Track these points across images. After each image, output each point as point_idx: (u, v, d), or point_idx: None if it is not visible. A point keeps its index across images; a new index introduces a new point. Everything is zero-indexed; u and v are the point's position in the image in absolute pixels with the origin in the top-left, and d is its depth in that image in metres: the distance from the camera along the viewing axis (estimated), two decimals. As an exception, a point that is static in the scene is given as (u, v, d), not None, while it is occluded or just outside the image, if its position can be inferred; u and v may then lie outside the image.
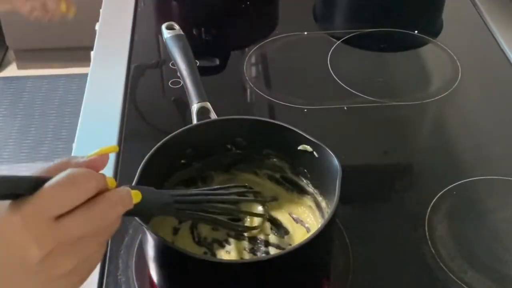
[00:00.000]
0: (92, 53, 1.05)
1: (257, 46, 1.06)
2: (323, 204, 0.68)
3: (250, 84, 0.97)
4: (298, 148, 0.68)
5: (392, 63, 1.08)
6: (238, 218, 0.68)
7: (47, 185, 0.42)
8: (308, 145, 0.68)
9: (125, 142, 0.85)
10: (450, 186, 0.78)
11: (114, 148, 0.49)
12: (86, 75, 0.99)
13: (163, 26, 0.88)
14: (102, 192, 0.46)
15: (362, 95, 0.94)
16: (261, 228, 0.68)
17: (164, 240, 0.58)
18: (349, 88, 0.95)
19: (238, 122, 0.72)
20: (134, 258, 0.69)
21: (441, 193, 0.77)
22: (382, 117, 0.92)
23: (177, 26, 0.88)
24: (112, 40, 1.08)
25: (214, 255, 0.66)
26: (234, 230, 0.67)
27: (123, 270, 0.69)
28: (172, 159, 0.69)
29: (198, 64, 0.84)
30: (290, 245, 0.67)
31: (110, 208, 0.46)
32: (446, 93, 0.95)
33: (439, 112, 0.95)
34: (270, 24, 1.14)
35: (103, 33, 1.09)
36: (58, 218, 0.43)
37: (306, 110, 0.91)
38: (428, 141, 0.91)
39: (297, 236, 0.68)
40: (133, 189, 0.50)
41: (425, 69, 1.06)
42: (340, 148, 0.67)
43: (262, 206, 0.70)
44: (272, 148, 0.71)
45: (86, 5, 1.26)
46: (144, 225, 0.58)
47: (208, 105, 0.77)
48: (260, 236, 0.68)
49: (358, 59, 1.07)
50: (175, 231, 0.68)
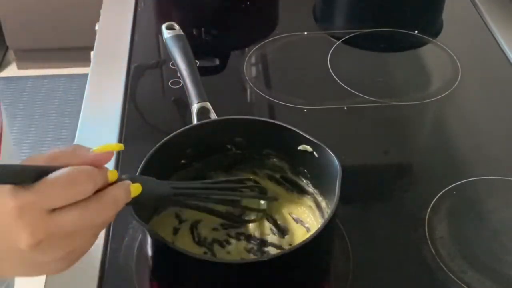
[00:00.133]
0: (92, 53, 1.05)
1: (257, 46, 1.06)
2: (323, 204, 0.68)
3: (250, 84, 0.97)
4: (298, 148, 0.68)
5: (392, 63, 1.08)
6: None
7: (48, 178, 0.44)
8: (308, 145, 0.68)
9: (125, 142, 0.85)
10: (450, 186, 0.78)
11: (120, 146, 0.50)
12: (86, 75, 0.99)
13: (163, 26, 0.88)
14: (102, 187, 0.47)
15: (362, 95, 0.94)
16: (258, 221, 0.68)
17: (164, 240, 0.58)
18: (349, 88, 0.95)
19: (238, 122, 0.72)
20: (134, 258, 0.69)
21: (441, 193, 0.77)
22: (382, 117, 0.92)
23: (177, 26, 0.88)
24: (112, 40, 1.08)
25: (214, 255, 0.66)
26: (231, 220, 0.68)
27: (123, 270, 0.69)
28: (172, 159, 0.69)
29: (198, 64, 0.84)
30: (290, 245, 0.67)
31: (106, 207, 0.47)
32: (446, 93, 0.95)
33: (439, 112, 0.95)
34: (270, 24, 1.14)
35: (103, 33, 1.09)
36: (54, 211, 0.44)
37: (306, 110, 0.91)
38: (428, 141, 0.91)
39: (297, 236, 0.68)
40: (134, 181, 0.51)
41: (425, 69, 1.06)
42: (340, 148, 0.67)
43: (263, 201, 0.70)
44: (272, 148, 0.71)
45: (86, 5, 1.27)
46: (144, 225, 0.58)
47: (208, 105, 0.77)
48: (257, 234, 0.68)
49: (358, 59, 1.07)
50: (175, 231, 0.68)
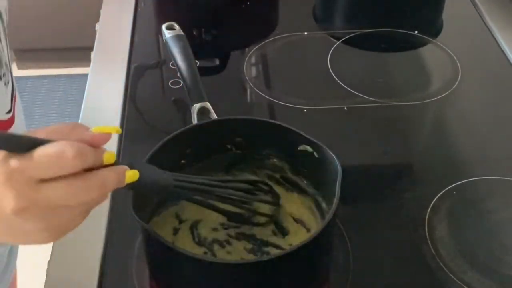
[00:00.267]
0: (92, 53, 1.05)
1: (257, 46, 1.06)
2: (323, 204, 0.68)
3: (250, 84, 0.97)
4: (298, 148, 0.68)
5: (392, 63, 1.08)
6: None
7: (39, 149, 0.45)
8: (308, 145, 0.68)
9: (125, 142, 0.85)
10: (450, 186, 0.78)
11: (117, 130, 0.50)
12: (86, 75, 0.99)
13: (163, 26, 0.88)
14: (97, 167, 0.48)
15: (362, 95, 0.94)
16: (266, 225, 0.68)
17: (164, 240, 0.58)
18: (349, 88, 0.95)
19: (238, 122, 0.72)
20: (134, 258, 0.69)
21: (441, 193, 0.77)
22: (382, 117, 0.92)
23: (177, 26, 0.88)
24: (112, 40, 1.08)
25: (214, 255, 0.66)
26: (236, 220, 0.67)
27: (123, 270, 0.69)
28: (172, 159, 0.69)
29: (198, 64, 0.84)
30: (291, 245, 0.67)
31: (92, 186, 0.47)
32: (446, 93, 0.95)
33: (439, 112, 0.95)
34: (270, 24, 1.14)
35: (103, 33, 1.09)
36: (42, 182, 0.45)
37: (306, 110, 0.91)
38: (428, 141, 0.91)
39: (297, 236, 0.68)
40: (133, 167, 0.51)
41: (425, 69, 1.06)
42: (340, 148, 0.67)
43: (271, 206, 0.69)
44: (272, 148, 0.71)
45: (86, 5, 1.27)
46: (144, 225, 0.58)
47: (208, 105, 0.77)
48: (258, 234, 0.68)
49: (358, 59, 1.07)
50: (175, 231, 0.68)
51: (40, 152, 0.45)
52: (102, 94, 0.95)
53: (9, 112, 0.74)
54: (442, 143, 0.88)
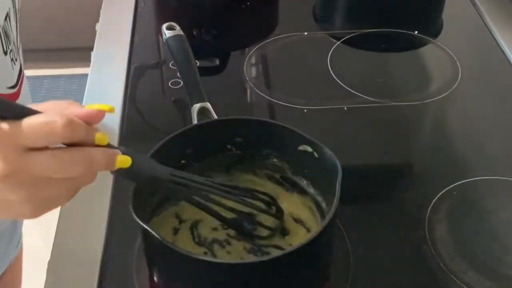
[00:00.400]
0: (92, 53, 1.05)
1: (257, 47, 1.06)
2: (323, 204, 0.68)
3: (250, 84, 0.97)
4: (298, 148, 0.68)
5: (392, 63, 1.08)
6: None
7: (30, 117, 0.45)
8: (308, 145, 0.67)
9: (125, 142, 0.85)
10: (450, 186, 0.78)
11: (111, 108, 0.50)
12: (86, 75, 0.99)
13: (164, 26, 0.88)
14: (89, 145, 0.48)
15: (362, 95, 0.94)
16: (268, 239, 0.67)
17: (164, 240, 0.58)
18: (349, 88, 0.95)
19: (238, 122, 0.72)
20: (134, 258, 0.69)
21: (441, 193, 0.77)
22: (382, 117, 0.92)
23: (177, 26, 0.88)
24: (112, 40, 1.08)
25: (214, 255, 0.66)
26: (234, 228, 0.67)
27: (123, 270, 0.69)
28: (172, 159, 0.69)
29: (198, 64, 0.84)
30: (291, 245, 0.67)
31: (78, 162, 0.47)
32: (446, 93, 0.95)
33: (439, 112, 0.95)
34: (270, 24, 1.14)
35: (103, 33, 1.09)
36: (30, 150, 0.45)
37: (306, 110, 0.91)
38: (428, 141, 0.91)
39: (297, 236, 0.68)
40: (126, 153, 0.51)
41: (425, 69, 1.06)
42: (340, 148, 0.67)
43: (276, 219, 0.68)
44: (272, 148, 0.71)
45: (86, 5, 1.27)
46: (144, 225, 0.58)
47: (208, 105, 0.77)
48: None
49: (358, 59, 1.07)
50: (175, 231, 0.68)
51: (30, 120, 0.45)
52: (102, 94, 0.95)
53: (13, 87, 0.73)
54: (442, 143, 0.88)
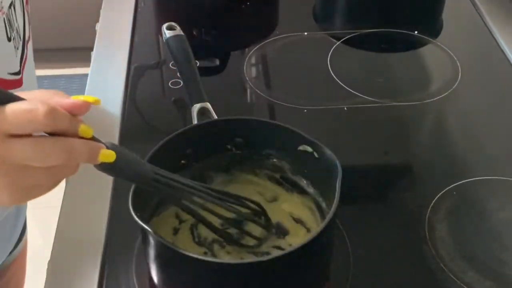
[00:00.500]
0: (92, 53, 1.05)
1: (257, 47, 1.06)
2: (323, 204, 0.68)
3: (250, 84, 0.97)
4: (298, 148, 0.68)
5: (392, 63, 1.08)
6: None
7: (13, 104, 0.45)
8: (308, 145, 0.67)
9: (125, 142, 0.85)
10: (450, 186, 0.78)
11: (96, 100, 0.50)
12: (86, 75, 0.99)
13: (164, 26, 0.88)
14: (72, 136, 0.47)
15: (362, 95, 0.94)
16: (255, 249, 0.66)
17: (164, 240, 0.58)
18: (349, 88, 0.95)
19: (238, 122, 0.72)
20: (134, 259, 0.69)
21: (441, 193, 0.77)
22: (382, 117, 0.92)
23: (177, 26, 0.88)
24: (112, 40, 1.08)
25: (214, 255, 0.66)
26: (221, 236, 0.66)
27: (123, 270, 0.69)
28: (172, 159, 0.69)
29: (198, 64, 0.84)
30: (291, 245, 0.67)
31: (58, 150, 0.47)
32: (446, 93, 0.95)
33: (439, 112, 0.95)
34: (270, 24, 1.14)
35: (103, 33, 1.09)
36: (11, 137, 0.45)
37: (306, 110, 0.91)
38: (428, 141, 0.91)
39: (297, 236, 0.68)
40: (110, 148, 0.51)
41: (425, 69, 1.06)
42: (340, 148, 0.67)
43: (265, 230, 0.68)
44: (272, 148, 0.71)
45: (86, 5, 1.27)
46: (144, 225, 0.58)
47: (208, 105, 0.77)
48: (258, 234, 0.68)
49: (358, 60, 1.07)
50: (175, 231, 0.68)
51: (12, 106, 0.45)
52: (102, 94, 0.95)
53: (16, 74, 0.73)
54: (442, 143, 0.88)
